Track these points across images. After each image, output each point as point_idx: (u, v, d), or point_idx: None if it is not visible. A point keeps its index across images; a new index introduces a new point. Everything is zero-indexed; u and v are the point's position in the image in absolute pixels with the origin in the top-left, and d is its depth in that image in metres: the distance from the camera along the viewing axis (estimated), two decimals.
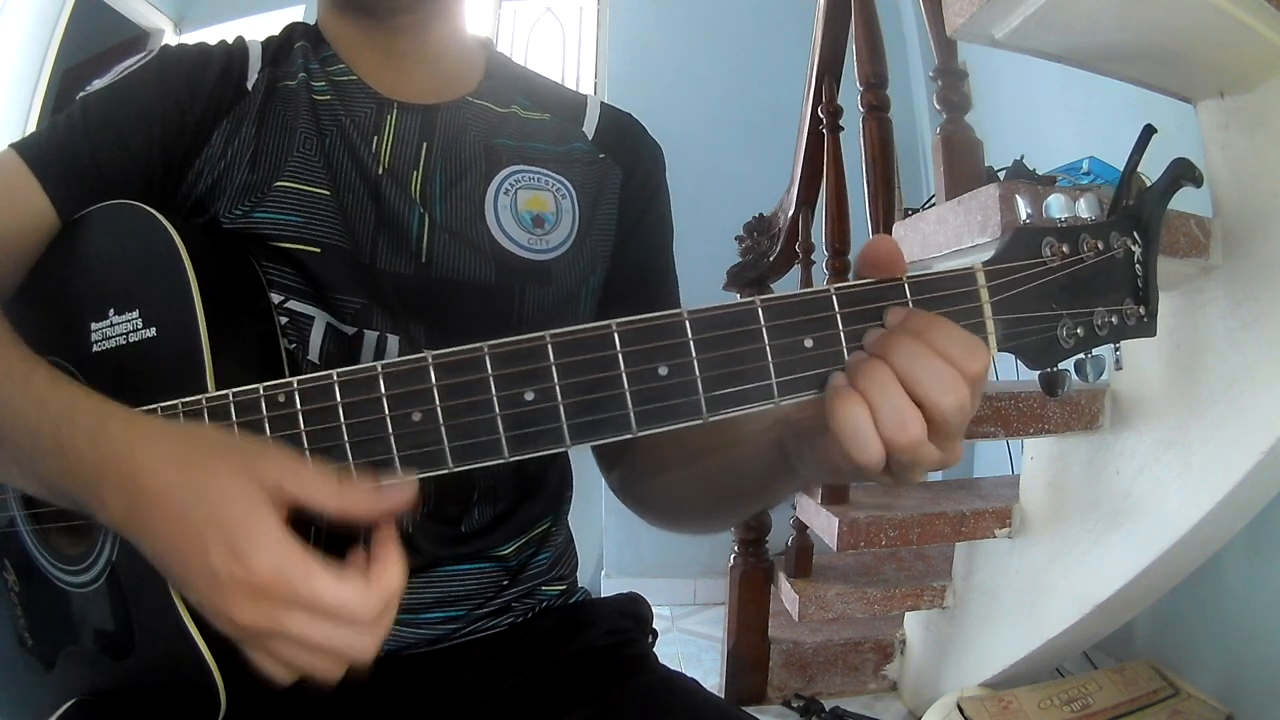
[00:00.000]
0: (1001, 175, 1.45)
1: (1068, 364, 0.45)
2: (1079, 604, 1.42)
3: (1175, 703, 1.42)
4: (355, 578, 0.42)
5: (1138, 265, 0.46)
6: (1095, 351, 0.45)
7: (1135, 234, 0.46)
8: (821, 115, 1.87)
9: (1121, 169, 0.47)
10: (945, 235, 1.25)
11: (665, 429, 0.42)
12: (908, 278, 0.43)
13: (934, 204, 1.50)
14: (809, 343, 0.43)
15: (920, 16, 1.79)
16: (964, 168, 1.43)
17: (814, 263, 2.02)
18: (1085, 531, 1.43)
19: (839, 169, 1.81)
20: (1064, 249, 0.45)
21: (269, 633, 0.41)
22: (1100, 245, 0.45)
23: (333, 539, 0.46)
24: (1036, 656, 1.53)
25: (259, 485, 0.41)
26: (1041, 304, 0.44)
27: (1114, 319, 0.45)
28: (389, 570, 0.43)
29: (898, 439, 0.40)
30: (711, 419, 0.42)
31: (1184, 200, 0.47)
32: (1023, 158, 1.48)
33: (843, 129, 1.86)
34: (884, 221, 1.62)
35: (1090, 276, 0.45)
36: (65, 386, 0.48)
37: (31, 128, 2.72)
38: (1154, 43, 1.12)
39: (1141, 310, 0.46)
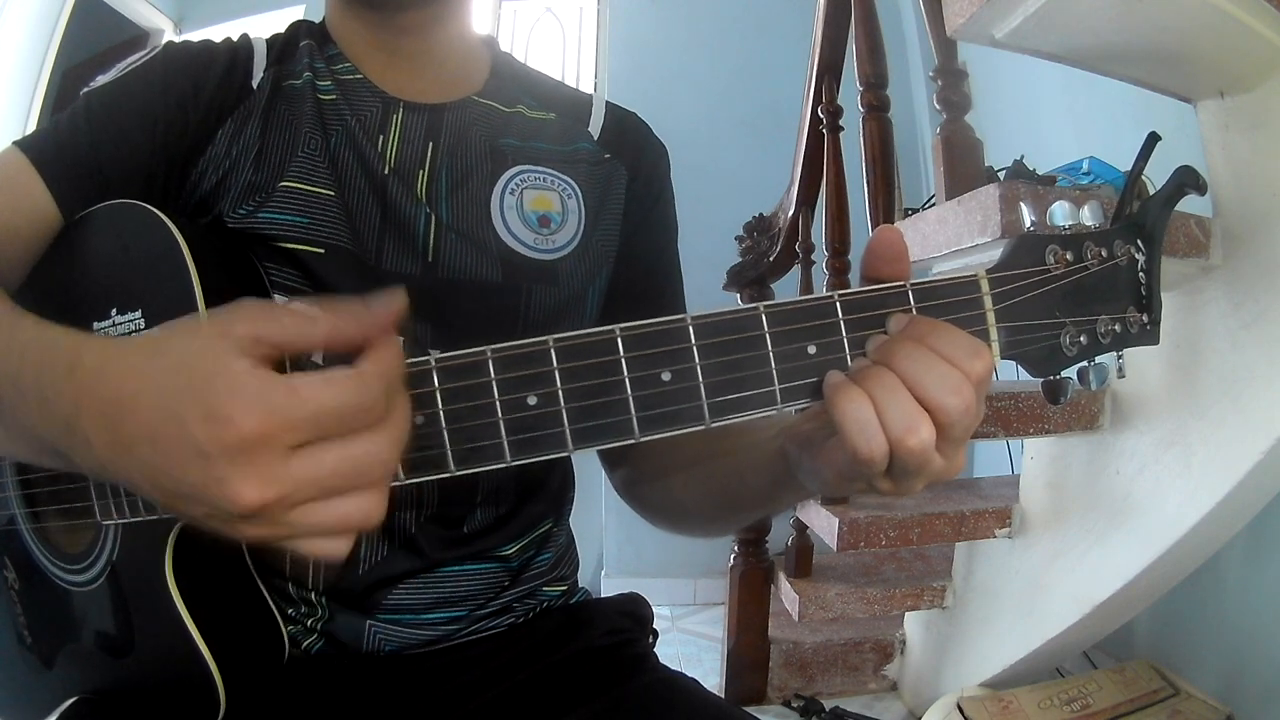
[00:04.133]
0: (1001, 175, 1.44)
1: (1070, 372, 0.45)
2: (1079, 604, 1.42)
3: (1175, 703, 1.42)
4: (344, 371, 0.37)
5: (1141, 273, 0.46)
6: (1098, 359, 0.45)
7: (1139, 241, 0.46)
8: (821, 115, 1.87)
9: (1122, 169, 0.47)
10: (945, 235, 1.25)
11: (668, 434, 0.42)
12: (911, 284, 0.43)
13: (934, 204, 1.50)
14: (812, 349, 0.42)
15: (920, 16, 1.79)
16: (964, 168, 1.43)
17: (814, 263, 2.02)
18: (1085, 531, 1.43)
19: (839, 169, 1.81)
20: (1068, 256, 0.45)
21: (288, 498, 0.35)
22: (1104, 253, 0.45)
23: None
24: (1036, 656, 1.54)
25: (226, 339, 0.36)
26: (1045, 311, 0.44)
27: (1117, 327, 0.45)
28: (381, 353, 0.38)
29: (906, 441, 0.40)
30: (714, 425, 0.42)
31: (1184, 201, 0.47)
32: (1023, 158, 1.47)
33: (843, 129, 1.85)
34: (884, 222, 1.62)
35: (1094, 284, 0.45)
36: (47, 330, 0.45)
37: (32, 127, 2.72)
38: (1154, 43, 1.12)
39: (1145, 318, 0.46)
